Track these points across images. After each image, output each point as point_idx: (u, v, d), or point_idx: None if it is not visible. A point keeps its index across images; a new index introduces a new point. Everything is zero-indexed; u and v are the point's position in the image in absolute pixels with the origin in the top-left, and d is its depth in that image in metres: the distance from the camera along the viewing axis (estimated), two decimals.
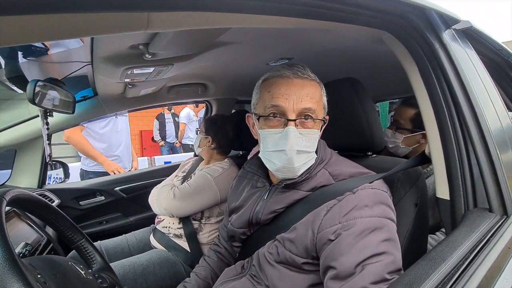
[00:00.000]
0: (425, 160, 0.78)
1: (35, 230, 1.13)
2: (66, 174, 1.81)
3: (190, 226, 1.36)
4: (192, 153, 2.08)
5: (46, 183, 1.65)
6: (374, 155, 0.90)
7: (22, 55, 0.97)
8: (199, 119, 5.42)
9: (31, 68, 1.14)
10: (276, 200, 0.75)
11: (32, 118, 1.39)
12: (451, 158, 0.69)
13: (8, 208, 1.05)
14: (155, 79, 1.25)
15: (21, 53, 0.94)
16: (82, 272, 0.69)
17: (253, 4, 0.52)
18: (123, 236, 1.49)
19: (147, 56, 0.92)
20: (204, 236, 1.37)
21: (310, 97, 0.70)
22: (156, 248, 1.38)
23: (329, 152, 0.78)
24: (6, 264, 0.45)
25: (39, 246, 1.09)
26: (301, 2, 0.56)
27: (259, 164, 0.83)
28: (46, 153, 1.21)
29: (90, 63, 1.02)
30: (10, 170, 1.52)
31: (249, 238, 0.82)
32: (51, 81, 1.05)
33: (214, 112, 1.99)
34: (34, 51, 0.91)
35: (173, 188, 1.34)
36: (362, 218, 0.61)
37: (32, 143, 1.47)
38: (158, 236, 1.40)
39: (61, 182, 1.83)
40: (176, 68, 1.15)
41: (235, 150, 1.90)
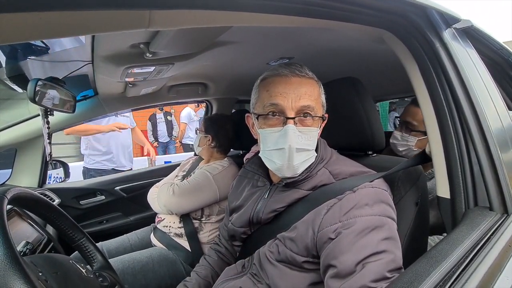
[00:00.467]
0: (426, 159, 0.78)
1: (36, 229, 1.13)
2: (67, 174, 1.81)
3: (191, 225, 1.36)
4: (190, 153, 2.08)
5: (47, 183, 1.65)
6: (375, 155, 0.90)
7: (23, 54, 0.97)
8: (199, 119, 5.41)
9: (32, 67, 1.14)
10: (277, 199, 0.75)
11: (33, 118, 1.39)
12: (452, 157, 0.69)
13: (9, 207, 1.05)
14: (156, 79, 1.25)
15: (22, 52, 0.94)
16: (83, 271, 0.69)
17: (254, 3, 0.52)
18: (125, 236, 1.50)
19: (148, 55, 0.92)
20: (205, 235, 1.37)
21: (309, 95, 0.69)
22: (157, 246, 1.38)
23: (330, 151, 0.78)
24: (8, 262, 0.45)
25: (40, 245, 1.09)
26: (302, 1, 0.56)
27: (260, 164, 0.83)
28: (47, 153, 1.21)
29: (91, 62, 1.02)
30: (11, 170, 1.52)
31: (250, 237, 0.82)
32: (52, 80, 1.05)
33: (215, 112, 1.99)
34: (35, 50, 0.91)
35: (173, 185, 1.35)
36: (363, 217, 0.61)
37: (33, 143, 1.48)
38: (159, 235, 1.40)
39: (62, 182, 1.83)
40: (177, 68, 1.15)
41: (235, 150, 1.90)
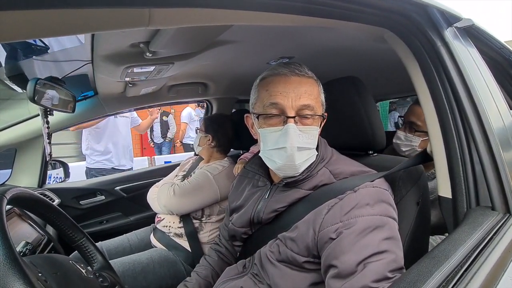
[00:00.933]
0: (427, 159, 0.78)
1: (36, 229, 1.12)
2: (67, 174, 1.80)
3: (191, 225, 1.36)
4: (191, 153, 2.08)
5: (46, 183, 1.65)
6: (376, 154, 0.90)
7: (22, 54, 0.96)
8: (200, 119, 5.40)
9: (32, 67, 1.14)
10: (277, 199, 0.75)
11: (32, 118, 1.39)
12: (453, 156, 0.68)
13: (9, 207, 1.05)
14: (156, 78, 1.24)
15: (21, 52, 0.94)
16: (83, 271, 0.69)
17: (254, 1, 0.52)
18: (124, 236, 1.49)
19: (148, 55, 0.91)
20: (205, 235, 1.36)
21: (309, 94, 0.69)
22: (157, 247, 1.38)
23: (330, 151, 0.78)
24: (8, 263, 0.45)
25: (40, 245, 1.09)
26: (303, 0, 0.55)
27: (260, 163, 0.83)
28: (47, 153, 1.20)
29: (91, 62, 1.01)
30: (10, 170, 1.52)
31: (251, 238, 0.81)
32: (52, 80, 1.05)
33: (215, 112, 1.99)
34: (34, 50, 0.91)
35: (173, 186, 1.34)
36: (364, 217, 0.61)
37: (32, 143, 1.47)
38: (159, 235, 1.39)
39: (61, 182, 1.83)
40: (177, 67, 1.15)
41: (235, 150, 1.90)
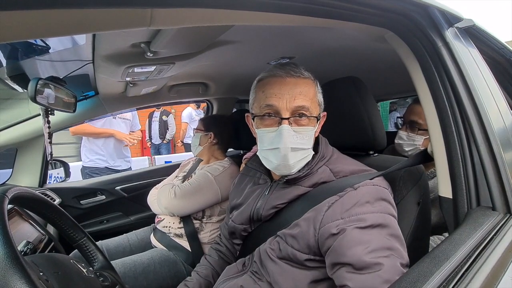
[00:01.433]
0: (427, 159, 0.78)
1: (37, 229, 1.12)
2: (67, 173, 1.80)
3: (191, 225, 1.36)
4: (190, 153, 2.07)
5: (47, 182, 1.65)
6: (376, 154, 0.90)
7: (24, 53, 0.97)
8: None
9: (33, 67, 1.14)
10: (277, 196, 0.75)
11: (33, 117, 1.39)
12: (454, 157, 0.68)
13: (10, 207, 1.05)
14: (156, 78, 1.24)
15: (22, 51, 0.94)
16: (84, 270, 0.69)
17: (255, 2, 0.52)
18: (124, 236, 1.49)
19: (149, 55, 0.91)
20: (205, 236, 1.36)
21: (304, 95, 0.71)
22: (157, 247, 1.38)
23: (331, 150, 0.79)
24: (9, 262, 0.45)
25: (41, 245, 1.09)
26: (304, 0, 0.55)
27: (260, 161, 0.84)
28: (47, 152, 1.21)
29: (91, 62, 1.01)
30: (11, 169, 1.52)
31: (250, 235, 0.82)
32: (53, 80, 1.05)
33: (215, 112, 1.99)
34: (36, 49, 0.91)
35: (174, 187, 1.34)
36: (365, 214, 0.61)
37: (33, 142, 1.47)
38: (159, 236, 1.39)
39: (62, 181, 1.83)
40: (177, 67, 1.15)
41: (236, 150, 1.90)
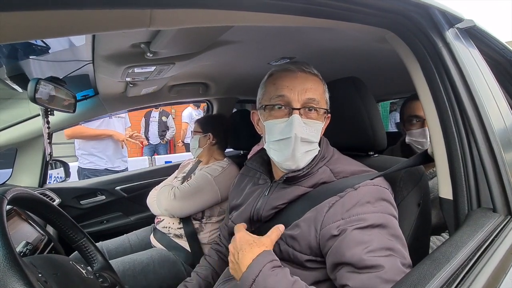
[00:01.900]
0: (427, 159, 0.77)
1: (36, 229, 1.12)
2: (67, 173, 1.80)
3: (191, 226, 1.35)
4: (190, 153, 2.07)
5: (47, 182, 1.65)
6: (376, 155, 0.90)
7: (23, 54, 0.96)
8: None
9: (32, 67, 1.14)
10: (277, 196, 0.75)
11: (33, 117, 1.39)
12: (454, 158, 0.68)
13: (9, 207, 1.05)
14: (156, 78, 1.24)
15: (22, 52, 0.94)
16: (83, 271, 0.69)
17: (256, 2, 0.52)
18: (125, 236, 1.49)
19: (149, 55, 0.91)
20: (205, 236, 1.36)
21: (314, 89, 0.72)
22: (157, 247, 1.38)
23: (331, 150, 0.79)
24: (7, 263, 0.45)
25: (40, 245, 1.08)
26: (304, 0, 0.55)
27: (261, 162, 0.84)
28: (47, 152, 1.20)
29: (91, 62, 1.01)
30: (11, 170, 1.52)
31: None
32: (52, 80, 1.05)
33: (216, 112, 1.98)
34: (35, 50, 0.91)
35: (173, 189, 1.33)
36: (366, 214, 0.61)
37: (33, 142, 1.47)
38: (159, 236, 1.39)
39: (62, 182, 1.82)
40: (177, 67, 1.15)
41: (235, 150, 1.90)
